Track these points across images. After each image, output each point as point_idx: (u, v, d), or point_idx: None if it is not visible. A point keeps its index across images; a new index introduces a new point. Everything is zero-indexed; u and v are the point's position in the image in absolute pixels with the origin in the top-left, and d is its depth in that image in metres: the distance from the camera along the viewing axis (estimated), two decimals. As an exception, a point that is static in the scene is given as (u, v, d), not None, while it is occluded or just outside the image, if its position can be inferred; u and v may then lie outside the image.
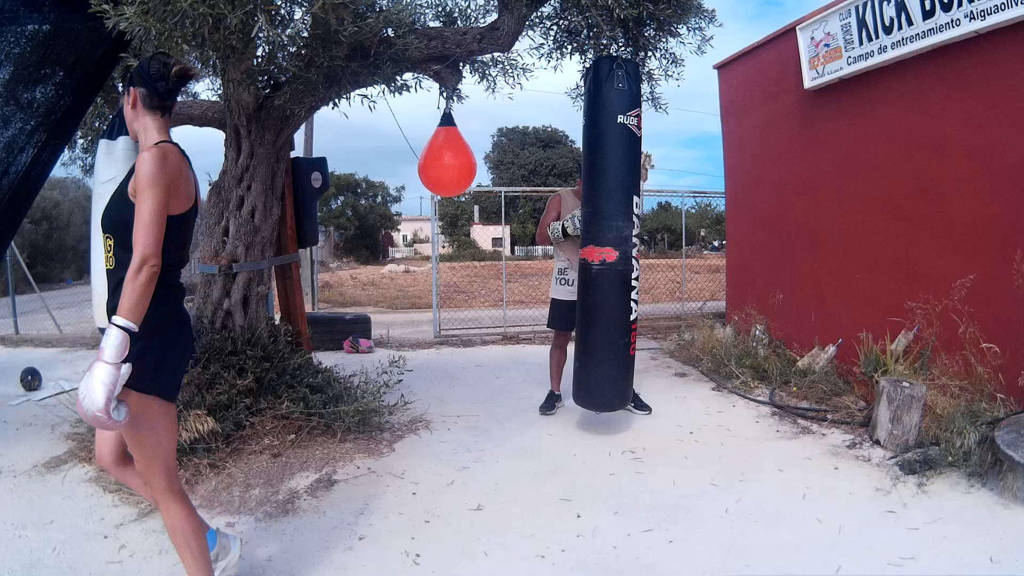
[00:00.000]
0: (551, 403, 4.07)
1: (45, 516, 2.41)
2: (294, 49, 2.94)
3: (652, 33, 3.56)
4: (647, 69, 3.73)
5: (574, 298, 3.77)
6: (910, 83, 3.89)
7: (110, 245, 1.71)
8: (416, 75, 3.58)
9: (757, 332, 5.19)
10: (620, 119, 3.30)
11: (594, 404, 3.56)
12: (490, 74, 3.81)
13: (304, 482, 2.92)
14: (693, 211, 21.11)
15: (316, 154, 10.51)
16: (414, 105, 5.27)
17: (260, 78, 3.30)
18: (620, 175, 3.36)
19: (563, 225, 3.78)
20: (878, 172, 4.19)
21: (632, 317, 3.44)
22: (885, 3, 3.83)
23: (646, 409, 3.99)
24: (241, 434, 3.20)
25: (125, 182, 1.74)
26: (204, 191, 3.89)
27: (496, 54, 3.69)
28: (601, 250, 3.34)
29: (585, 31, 3.59)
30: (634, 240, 3.42)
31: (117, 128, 2.90)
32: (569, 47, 3.73)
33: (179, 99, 4.64)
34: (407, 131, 20.32)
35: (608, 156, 3.35)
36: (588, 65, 3.38)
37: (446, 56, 3.48)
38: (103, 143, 2.91)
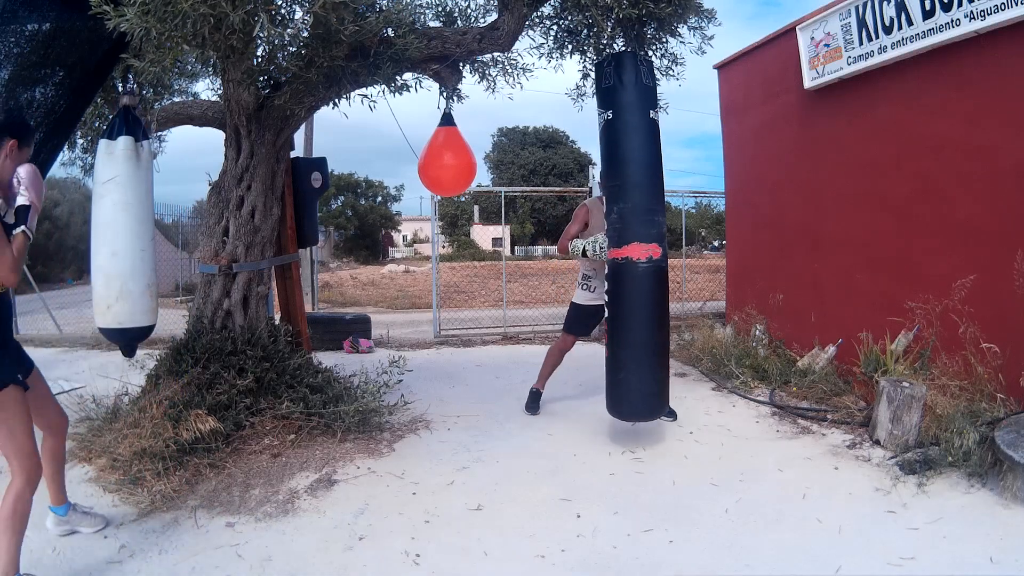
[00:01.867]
0: (536, 402, 4.07)
1: (45, 516, 2.41)
2: (294, 49, 2.94)
3: (652, 33, 3.56)
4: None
5: (594, 303, 3.81)
6: (910, 83, 3.89)
7: None
8: (416, 75, 3.58)
9: (757, 332, 5.19)
10: (652, 114, 3.23)
11: (647, 414, 3.32)
12: (490, 74, 3.80)
13: (304, 482, 2.92)
14: (693, 211, 21.14)
15: (316, 154, 10.51)
16: (414, 105, 5.26)
17: (260, 78, 3.30)
18: (657, 170, 3.26)
19: (584, 246, 3.68)
20: (878, 172, 4.19)
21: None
22: (885, 3, 3.83)
23: (673, 416, 3.86)
24: (241, 434, 3.21)
25: None
26: (204, 191, 3.90)
27: (496, 54, 3.69)
28: (647, 247, 3.12)
29: (585, 31, 3.59)
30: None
31: (117, 128, 2.90)
32: (569, 47, 3.72)
33: (179, 99, 4.62)
34: (407, 131, 20.32)
35: (647, 150, 3.21)
36: (607, 59, 3.26)
37: (446, 56, 3.48)
38: (103, 143, 2.90)
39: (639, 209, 3.16)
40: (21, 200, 1.98)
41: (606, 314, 3.35)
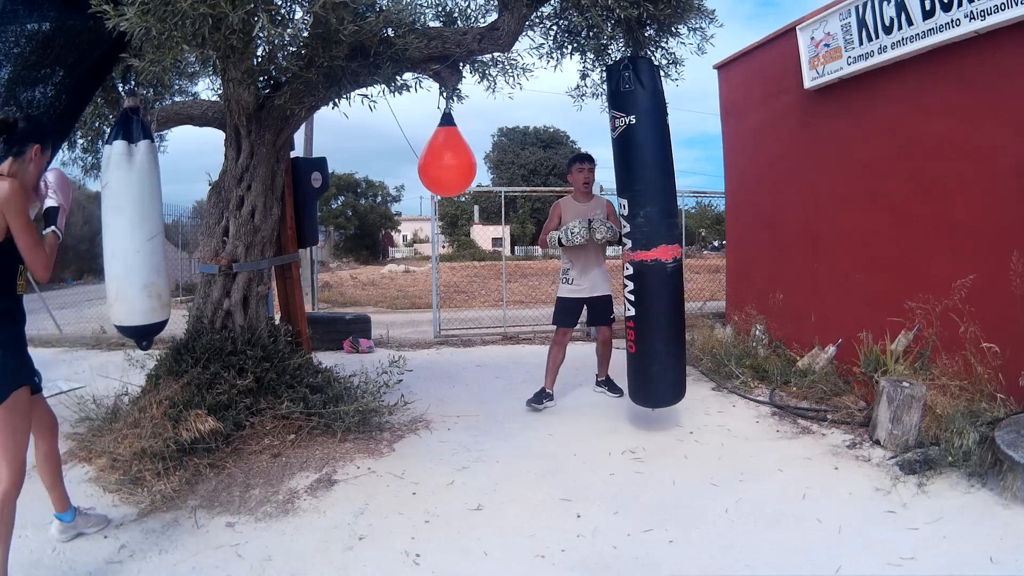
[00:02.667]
0: (540, 399, 4.13)
1: (45, 516, 2.41)
2: (294, 49, 2.94)
3: (652, 33, 3.56)
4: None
5: (576, 296, 4.10)
6: (910, 83, 3.89)
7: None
8: (416, 75, 3.58)
9: (757, 332, 5.19)
10: (666, 119, 3.41)
11: (674, 399, 3.58)
12: (490, 74, 3.80)
13: (304, 482, 2.92)
14: (693, 211, 21.14)
15: (316, 154, 10.51)
16: (414, 105, 5.27)
17: (260, 78, 3.30)
18: (672, 174, 3.48)
19: (559, 236, 3.96)
20: (878, 172, 4.19)
21: None
22: (885, 3, 3.83)
23: (619, 392, 4.22)
24: (241, 434, 3.21)
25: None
26: (204, 191, 3.90)
27: (496, 54, 3.69)
28: (671, 248, 3.36)
29: (585, 31, 3.59)
30: None
31: (113, 133, 2.91)
32: (569, 47, 3.73)
33: (179, 99, 4.60)
34: (407, 131, 20.36)
35: (666, 155, 3.40)
36: (623, 63, 3.33)
37: (446, 56, 3.48)
38: (104, 149, 2.92)
39: (664, 213, 3.38)
40: (50, 202, 2.09)
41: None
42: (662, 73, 3.52)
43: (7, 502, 1.94)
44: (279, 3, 2.61)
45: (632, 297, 3.44)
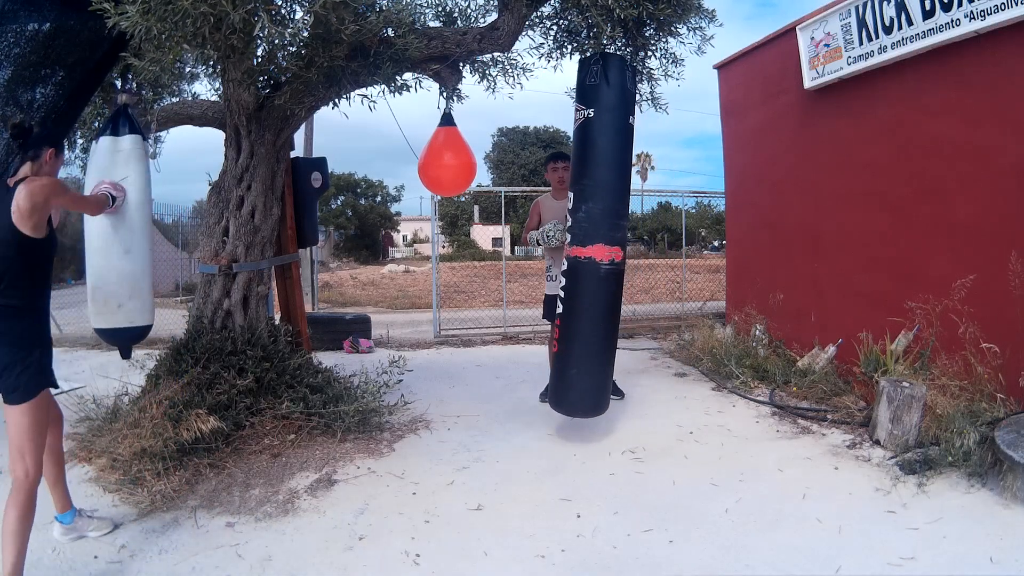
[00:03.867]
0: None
1: (45, 516, 2.40)
2: (294, 49, 2.94)
3: (652, 33, 3.56)
4: (647, 69, 3.73)
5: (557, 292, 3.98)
6: (910, 83, 3.89)
7: None
8: (416, 75, 3.58)
9: (757, 332, 5.19)
10: (630, 119, 3.31)
11: (591, 411, 3.41)
12: (490, 74, 3.80)
13: (304, 482, 2.92)
14: (693, 211, 21.14)
15: (316, 154, 10.52)
16: (414, 105, 5.28)
17: (260, 78, 3.30)
18: (627, 175, 3.37)
19: (536, 237, 3.94)
20: (878, 172, 4.19)
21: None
22: (885, 3, 3.83)
23: (619, 394, 4.16)
24: (241, 434, 3.21)
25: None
26: (204, 191, 3.90)
27: (496, 54, 3.69)
28: (611, 249, 3.21)
29: (585, 31, 3.59)
30: None
31: (122, 126, 2.90)
32: (569, 47, 3.72)
33: (179, 99, 4.61)
34: (407, 131, 20.32)
35: (622, 154, 3.30)
36: (594, 57, 3.25)
37: (446, 56, 3.48)
38: (107, 140, 2.88)
39: (607, 212, 3.23)
40: (110, 190, 2.66)
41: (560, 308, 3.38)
42: (632, 74, 3.38)
43: (31, 494, 2.02)
44: (280, 2, 2.62)
45: (562, 294, 3.30)
